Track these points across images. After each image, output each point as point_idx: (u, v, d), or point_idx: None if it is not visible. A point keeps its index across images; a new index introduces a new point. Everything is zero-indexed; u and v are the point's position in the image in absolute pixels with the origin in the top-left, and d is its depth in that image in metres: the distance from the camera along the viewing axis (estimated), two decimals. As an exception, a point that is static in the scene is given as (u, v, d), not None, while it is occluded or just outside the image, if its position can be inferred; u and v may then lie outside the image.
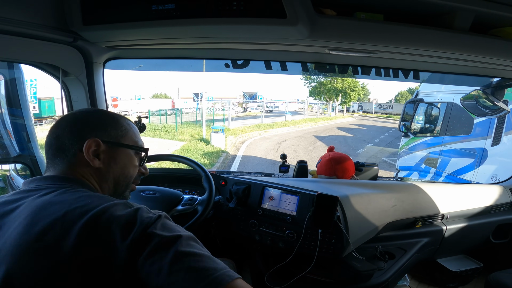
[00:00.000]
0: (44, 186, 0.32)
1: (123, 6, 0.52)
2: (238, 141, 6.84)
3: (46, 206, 0.29)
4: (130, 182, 0.39)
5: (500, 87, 0.94)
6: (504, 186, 1.03)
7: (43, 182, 0.33)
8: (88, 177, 0.35)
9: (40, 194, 0.31)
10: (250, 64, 0.82)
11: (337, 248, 0.63)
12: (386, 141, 7.32)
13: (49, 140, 0.36)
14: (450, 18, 0.56)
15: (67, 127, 0.35)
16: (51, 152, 0.35)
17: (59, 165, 0.35)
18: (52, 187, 0.32)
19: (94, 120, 0.36)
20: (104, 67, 0.76)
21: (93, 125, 0.36)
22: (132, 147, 0.38)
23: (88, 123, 0.36)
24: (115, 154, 0.37)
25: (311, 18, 0.50)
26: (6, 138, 0.92)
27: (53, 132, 0.35)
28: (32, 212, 0.28)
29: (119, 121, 0.38)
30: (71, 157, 0.34)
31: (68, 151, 0.34)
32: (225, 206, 0.75)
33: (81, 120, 0.36)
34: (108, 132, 0.36)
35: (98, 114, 0.38)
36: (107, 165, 0.36)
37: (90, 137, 0.35)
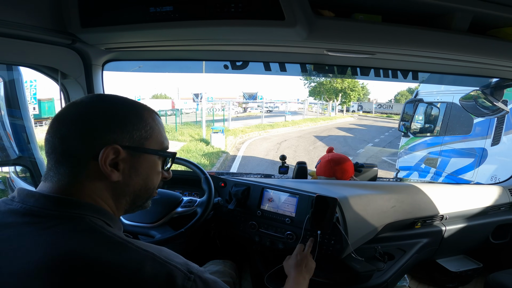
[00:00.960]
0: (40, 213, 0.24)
1: (121, 9, 0.52)
2: (238, 142, 6.84)
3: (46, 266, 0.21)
4: (153, 193, 0.32)
5: (499, 88, 0.94)
6: (504, 187, 1.03)
7: (40, 204, 0.25)
8: (100, 195, 0.27)
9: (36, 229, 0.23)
10: (249, 65, 0.82)
11: (336, 249, 0.63)
12: (386, 141, 7.33)
13: (51, 140, 0.27)
14: (448, 18, 0.56)
15: (76, 124, 0.26)
16: (54, 157, 0.26)
17: (64, 177, 0.26)
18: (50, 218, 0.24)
19: (113, 117, 0.27)
20: (103, 69, 0.76)
21: (111, 124, 0.27)
22: (159, 152, 0.30)
23: (106, 120, 0.27)
24: (137, 162, 0.28)
25: (309, 20, 0.50)
26: (5, 140, 0.92)
27: (56, 130, 0.26)
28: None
29: (143, 116, 0.29)
30: (82, 168, 0.26)
31: (78, 159, 0.26)
32: (225, 207, 0.75)
33: (95, 115, 0.27)
34: (130, 134, 0.27)
35: (116, 106, 0.28)
36: (127, 177, 0.28)
37: (108, 141, 0.26)
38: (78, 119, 0.27)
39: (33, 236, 0.23)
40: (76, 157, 0.26)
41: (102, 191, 0.28)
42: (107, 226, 0.26)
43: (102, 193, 0.28)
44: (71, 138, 0.26)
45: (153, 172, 0.31)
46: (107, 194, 0.28)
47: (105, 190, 0.28)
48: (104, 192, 0.28)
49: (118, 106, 0.29)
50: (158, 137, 0.30)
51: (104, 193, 0.28)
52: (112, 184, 0.28)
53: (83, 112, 0.27)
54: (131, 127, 0.28)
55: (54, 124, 0.27)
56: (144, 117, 0.29)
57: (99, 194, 0.28)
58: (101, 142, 0.26)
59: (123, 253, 0.24)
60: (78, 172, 0.27)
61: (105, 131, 0.27)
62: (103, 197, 0.28)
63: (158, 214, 0.63)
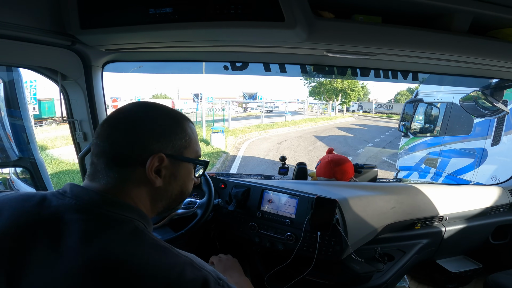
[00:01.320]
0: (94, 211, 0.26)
1: (121, 10, 0.52)
2: (238, 142, 6.84)
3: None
4: (186, 197, 0.34)
5: (499, 88, 0.94)
6: (503, 187, 1.03)
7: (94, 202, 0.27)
8: (141, 199, 0.29)
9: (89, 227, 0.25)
10: (249, 66, 0.82)
11: (336, 251, 0.63)
12: (386, 141, 7.32)
13: (101, 144, 0.28)
14: (449, 20, 0.56)
15: (128, 132, 0.28)
16: (104, 160, 0.28)
17: (113, 179, 0.28)
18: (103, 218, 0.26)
19: (159, 127, 0.29)
20: (103, 70, 0.76)
21: (158, 134, 0.29)
22: (195, 160, 0.32)
23: (153, 130, 0.29)
24: (176, 170, 0.31)
25: (309, 21, 0.50)
26: (6, 141, 0.92)
27: (108, 135, 0.28)
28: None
29: (183, 126, 0.31)
30: (130, 173, 0.28)
31: (128, 165, 0.28)
32: (225, 209, 0.75)
33: (144, 124, 0.29)
34: (173, 143, 0.30)
35: (162, 117, 0.30)
36: (167, 183, 0.30)
37: (155, 149, 0.28)
38: (129, 128, 0.29)
39: (86, 235, 0.25)
40: (126, 162, 0.28)
41: (143, 195, 0.30)
42: (148, 230, 0.28)
43: (143, 197, 0.30)
44: (122, 145, 0.28)
45: (189, 178, 0.33)
46: (146, 198, 0.30)
47: (146, 195, 0.30)
48: (145, 196, 0.30)
49: (164, 116, 0.31)
50: (194, 146, 0.33)
51: (145, 197, 0.30)
52: (153, 189, 0.30)
53: (134, 120, 0.29)
54: (174, 136, 0.30)
55: (106, 129, 0.29)
56: (184, 127, 0.32)
57: (141, 198, 0.30)
58: (148, 150, 0.29)
59: (168, 257, 0.26)
60: (126, 176, 0.29)
61: (153, 140, 0.29)
62: (143, 201, 0.30)
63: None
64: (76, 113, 0.75)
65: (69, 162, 3.77)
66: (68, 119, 0.75)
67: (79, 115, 0.75)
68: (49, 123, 7.92)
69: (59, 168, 3.66)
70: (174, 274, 0.25)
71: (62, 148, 4.86)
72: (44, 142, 5.16)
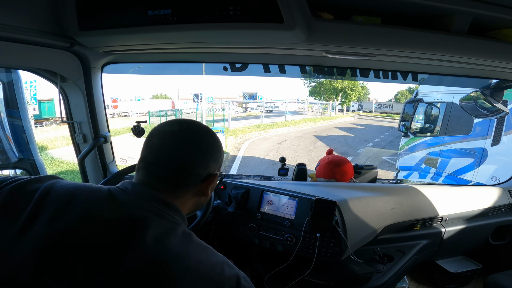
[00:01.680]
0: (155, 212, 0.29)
1: (119, 12, 0.52)
2: (238, 142, 6.84)
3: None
4: None
5: (499, 89, 0.94)
6: (503, 188, 1.03)
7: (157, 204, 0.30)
8: (186, 205, 0.34)
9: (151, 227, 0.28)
10: (249, 67, 0.82)
11: (335, 252, 0.63)
12: (386, 141, 7.31)
13: (168, 153, 0.31)
14: (448, 20, 0.56)
15: (198, 152, 0.32)
16: (164, 172, 0.31)
17: (169, 187, 0.31)
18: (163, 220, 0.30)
19: (217, 151, 0.34)
20: (102, 72, 0.76)
21: (216, 157, 0.34)
22: (221, 174, 0.39)
23: (213, 153, 0.34)
24: (214, 182, 0.36)
25: (308, 22, 0.50)
26: (5, 142, 0.92)
27: (177, 148, 0.31)
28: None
29: (222, 149, 0.37)
30: (186, 185, 0.32)
31: (194, 180, 0.32)
32: (224, 210, 0.75)
33: (209, 148, 0.33)
34: (219, 164, 0.35)
35: (218, 142, 0.35)
36: (209, 194, 0.36)
37: (214, 170, 0.34)
38: (199, 150, 0.33)
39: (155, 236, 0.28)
40: (193, 178, 0.33)
41: (190, 203, 0.35)
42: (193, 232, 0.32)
43: (189, 205, 0.35)
44: (192, 162, 0.32)
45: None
46: (191, 206, 0.35)
47: (193, 203, 0.35)
48: (191, 204, 0.35)
49: (219, 144, 0.36)
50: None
51: (191, 205, 0.35)
52: (200, 199, 0.35)
53: (201, 143, 0.33)
54: (220, 158, 0.36)
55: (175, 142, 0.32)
56: (222, 150, 0.37)
57: (186, 204, 0.34)
58: (208, 169, 0.34)
59: (211, 257, 0.30)
60: (183, 187, 0.33)
61: (213, 162, 0.34)
62: (186, 207, 0.34)
63: None
64: (75, 115, 0.75)
65: (70, 163, 3.77)
66: (67, 121, 0.75)
67: (78, 117, 0.75)
68: (49, 124, 7.93)
69: (60, 169, 3.66)
70: (217, 272, 0.29)
71: (62, 148, 4.86)
72: (44, 143, 5.16)
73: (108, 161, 0.86)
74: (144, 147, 0.33)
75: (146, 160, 0.32)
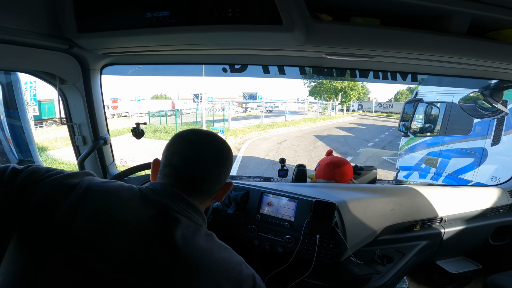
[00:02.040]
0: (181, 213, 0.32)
1: (118, 14, 0.52)
2: (238, 142, 6.84)
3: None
4: None
5: (498, 89, 0.94)
6: (503, 188, 1.02)
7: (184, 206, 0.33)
8: (204, 207, 0.36)
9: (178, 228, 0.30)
10: (248, 68, 0.82)
11: (335, 253, 0.63)
12: (386, 140, 7.31)
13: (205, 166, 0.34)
14: (447, 21, 0.56)
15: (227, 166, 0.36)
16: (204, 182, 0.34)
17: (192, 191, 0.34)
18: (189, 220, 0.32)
19: (230, 161, 0.37)
20: (101, 73, 0.76)
21: (229, 166, 0.37)
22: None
23: (227, 165, 0.36)
24: (229, 190, 0.39)
25: (307, 24, 0.50)
26: (5, 144, 0.92)
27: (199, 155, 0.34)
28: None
29: (233, 155, 0.40)
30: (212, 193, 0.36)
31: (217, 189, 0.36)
32: (224, 212, 0.75)
33: (231, 161, 0.37)
34: (230, 171, 0.38)
35: (230, 152, 0.38)
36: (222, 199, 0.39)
37: (227, 178, 0.37)
38: (228, 165, 0.37)
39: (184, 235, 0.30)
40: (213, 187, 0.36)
41: (206, 206, 0.38)
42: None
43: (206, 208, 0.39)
44: (222, 177, 0.36)
45: None
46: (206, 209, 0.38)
47: (208, 205, 0.38)
48: (207, 207, 0.38)
49: (231, 153, 0.38)
50: None
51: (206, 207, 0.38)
52: (212, 202, 0.39)
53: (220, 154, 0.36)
54: (231, 166, 0.38)
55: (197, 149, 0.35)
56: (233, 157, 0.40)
57: (204, 208, 0.37)
58: (225, 179, 0.37)
59: (232, 256, 0.32)
60: (210, 194, 0.36)
61: (227, 172, 0.37)
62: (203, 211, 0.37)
63: None
64: (75, 117, 0.75)
65: (70, 163, 3.78)
66: (67, 123, 0.75)
67: (78, 119, 0.75)
68: (49, 124, 7.93)
69: (60, 169, 3.65)
70: (237, 270, 0.31)
71: (62, 149, 4.86)
72: (44, 143, 5.16)
73: (108, 162, 0.86)
74: (172, 153, 0.35)
75: (177, 167, 0.34)
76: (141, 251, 0.28)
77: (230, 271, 0.30)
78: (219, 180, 0.36)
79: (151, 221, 0.29)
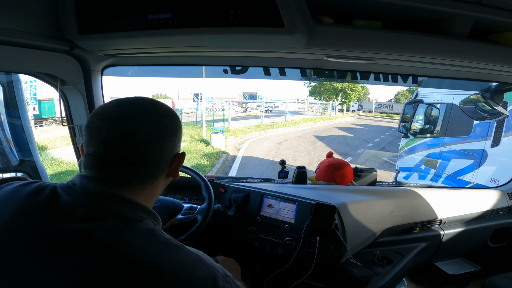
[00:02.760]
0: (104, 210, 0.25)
1: (119, 15, 0.51)
2: (238, 142, 6.83)
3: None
4: None
5: (499, 91, 0.94)
6: (502, 191, 1.03)
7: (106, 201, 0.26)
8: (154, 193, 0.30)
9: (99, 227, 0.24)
10: (249, 70, 0.82)
11: (334, 255, 0.64)
12: (386, 141, 7.31)
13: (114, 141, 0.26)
14: (449, 24, 0.56)
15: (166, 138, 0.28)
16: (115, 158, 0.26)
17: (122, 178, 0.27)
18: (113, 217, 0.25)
19: (173, 128, 0.29)
20: (102, 75, 0.76)
21: (175, 135, 0.29)
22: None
23: (170, 134, 0.29)
24: (181, 160, 0.31)
25: (309, 27, 0.50)
26: (6, 145, 0.92)
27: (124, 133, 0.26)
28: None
29: (179, 119, 0.32)
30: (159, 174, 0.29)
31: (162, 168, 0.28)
32: (225, 213, 0.75)
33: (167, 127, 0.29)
34: (179, 138, 0.31)
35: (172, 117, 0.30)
36: (178, 175, 0.32)
37: (176, 148, 0.29)
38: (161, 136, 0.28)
39: (97, 234, 0.24)
40: (155, 166, 0.28)
41: (159, 189, 0.31)
42: (158, 229, 0.28)
43: (159, 191, 0.31)
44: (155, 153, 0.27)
45: None
46: (158, 193, 0.31)
47: (160, 189, 0.31)
48: (160, 189, 0.31)
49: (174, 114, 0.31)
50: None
51: (160, 190, 0.31)
52: (167, 182, 0.31)
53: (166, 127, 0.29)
54: (179, 132, 0.31)
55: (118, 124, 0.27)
56: (179, 120, 0.32)
57: (157, 192, 0.30)
58: (171, 150, 0.29)
59: (180, 255, 0.26)
60: (155, 175, 0.28)
61: (178, 141, 0.30)
62: (154, 197, 0.30)
63: None
64: (76, 118, 0.75)
65: (70, 163, 3.77)
66: (68, 125, 0.75)
67: (79, 120, 0.75)
68: (49, 123, 7.91)
69: (60, 169, 3.66)
70: (186, 272, 0.25)
71: (62, 148, 4.85)
72: (44, 143, 5.15)
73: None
74: (89, 137, 0.27)
75: (97, 155, 0.26)
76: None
77: (174, 274, 0.24)
78: (164, 156, 0.28)
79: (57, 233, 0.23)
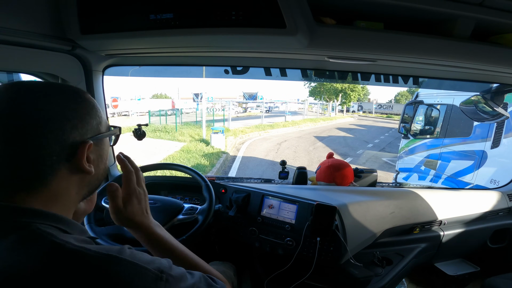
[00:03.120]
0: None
1: (121, 15, 0.51)
2: (238, 142, 6.84)
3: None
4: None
5: (500, 93, 0.94)
6: (502, 192, 1.03)
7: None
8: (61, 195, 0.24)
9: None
10: (250, 71, 0.82)
11: (335, 256, 0.64)
12: (386, 142, 7.33)
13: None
14: (451, 25, 0.56)
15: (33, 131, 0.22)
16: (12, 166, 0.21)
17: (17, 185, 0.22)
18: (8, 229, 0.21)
19: (72, 112, 0.24)
20: (103, 74, 0.76)
21: (74, 121, 0.24)
22: (111, 132, 0.29)
23: (66, 118, 0.24)
24: (100, 149, 0.27)
25: (310, 28, 0.50)
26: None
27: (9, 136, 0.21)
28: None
29: (92, 103, 0.27)
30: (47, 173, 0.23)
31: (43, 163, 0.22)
32: (225, 214, 0.76)
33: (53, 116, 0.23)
34: (90, 123, 0.26)
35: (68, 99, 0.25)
36: (96, 167, 0.27)
37: (77, 138, 0.24)
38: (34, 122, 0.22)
39: None
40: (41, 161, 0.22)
41: (69, 190, 0.25)
42: (61, 233, 0.23)
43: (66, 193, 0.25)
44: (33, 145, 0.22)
45: (108, 151, 0.30)
46: (71, 192, 0.25)
47: (72, 187, 0.25)
48: (71, 189, 0.25)
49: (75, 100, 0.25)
50: (104, 117, 0.28)
51: (70, 191, 0.25)
52: (83, 179, 0.26)
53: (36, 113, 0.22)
54: (88, 116, 0.26)
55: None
56: (94, 105, 0.27)
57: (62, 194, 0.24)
58: (70, 142, 0.24)
59: (78, 261, 0.21)
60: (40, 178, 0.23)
61: (70, 129, 0.24)
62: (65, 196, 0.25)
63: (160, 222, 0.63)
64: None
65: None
66: None
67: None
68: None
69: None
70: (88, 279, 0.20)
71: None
72: None
73: (109, 164, 0.86)
74: None
75: None
76: None
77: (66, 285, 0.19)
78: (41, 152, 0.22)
79: None
